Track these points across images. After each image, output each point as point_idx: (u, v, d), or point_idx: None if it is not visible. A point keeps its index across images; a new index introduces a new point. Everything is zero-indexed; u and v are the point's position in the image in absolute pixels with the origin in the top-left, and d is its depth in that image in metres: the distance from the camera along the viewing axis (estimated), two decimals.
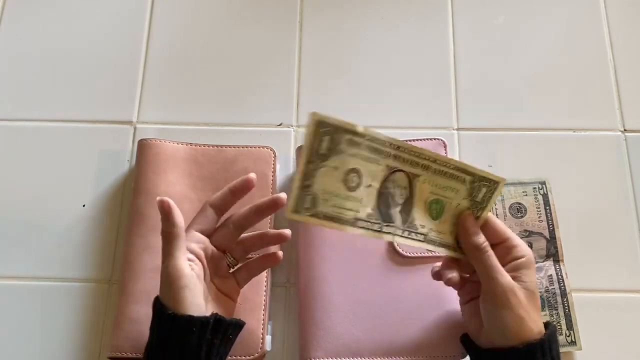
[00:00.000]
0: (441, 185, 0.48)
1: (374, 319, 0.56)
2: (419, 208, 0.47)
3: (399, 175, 0.46)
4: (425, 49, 0.71)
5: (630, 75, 0.69)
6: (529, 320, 0.46)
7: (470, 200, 0.49)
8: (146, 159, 0.62)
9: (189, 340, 0.45)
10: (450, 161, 0.47)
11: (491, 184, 0.48)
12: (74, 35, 0.72)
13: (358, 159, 0.43)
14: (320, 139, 0.41)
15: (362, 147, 0.43)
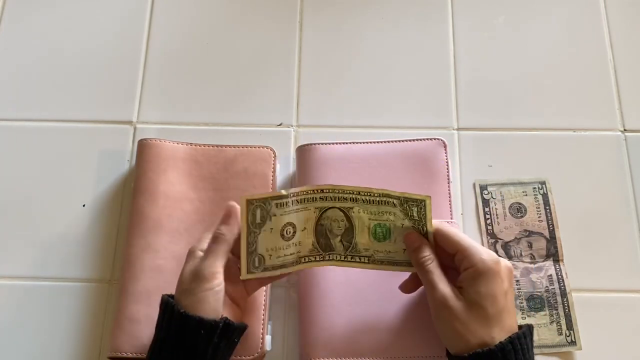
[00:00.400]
0: (376, 212, 0.51)
1: (373, 319, 0.56)
2: (362, 234, 0.51)
3: (331, 212, 0.51)
4: (425, 49, 0.71)
5: (630, 75, 0.69)
6: (464, 333, 0.46)
7: (410, 220, 0.51)
8: (146, 159, 0.62)
9: (197, 342, 0.45)
10: (372, 190, 0.50)
11: (419, 203, 0.50)
12: (74, 35, 0.72)
13: (289, 214, 0.50)
14: (253, 213, 0.49)
15: (289, 204, 0.50)
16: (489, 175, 0.64)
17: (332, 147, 0.62)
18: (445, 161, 0.62)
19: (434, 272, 0.49)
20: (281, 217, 0.50)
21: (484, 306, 0.46)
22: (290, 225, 0.50)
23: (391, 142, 0.63)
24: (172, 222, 0.59)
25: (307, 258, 0.51)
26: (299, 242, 0.51)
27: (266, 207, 0.49)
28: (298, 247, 0.51)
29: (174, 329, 0.46)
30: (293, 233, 0.51)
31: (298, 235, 0.51)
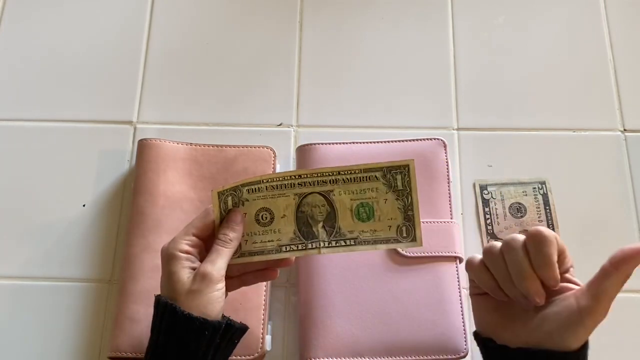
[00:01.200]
0: (358, 191, 0.49)
1: (373, 319, 0.56)
2: (344, 217, 0.50)
3: (311, 197, 0.49)
4: (425, 49, 0.71)
5: (630, 75, 0.69)
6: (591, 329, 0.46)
7: (394, 192, 0.49)
8: (146, 159, 0.62)
9: (199, 344, 0.45)
10: (353, 167, 0.49)
11: (403, 169, 0.49)
12: (74, 35, 0.72)
13: (264, 199, 0.49)
14: (225, 201, 0.48)
15: (262, 190, 0.49)
16: (489, 175, 0.64)
17: (332, 147, 0.62)
18: (445, 161, 0.62)
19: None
20: (254, 202, 0.49)
21: None
22: (266, 210, 0.49)
23: (391, 142, 0.63)
24: (172, 222, 0.59)
25: (288, 247, 0.49)
26: (278, 230, 0.49)
27: (237, 194, 0.48)
28: (278, 235, 0.49)
29: (175, 331, 0.45)
30: (270, 219, 0.49)
31: (277, 222, 0.49)
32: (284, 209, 0.49)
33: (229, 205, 0.49)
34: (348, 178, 0.49)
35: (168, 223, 0.59)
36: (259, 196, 0.49)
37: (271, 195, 0.49)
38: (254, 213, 0.49)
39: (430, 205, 0.60)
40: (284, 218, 0.49)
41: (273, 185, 0.49)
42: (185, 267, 0.47)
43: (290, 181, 0.49)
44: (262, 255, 0.50)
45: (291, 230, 0.50)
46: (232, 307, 0.54)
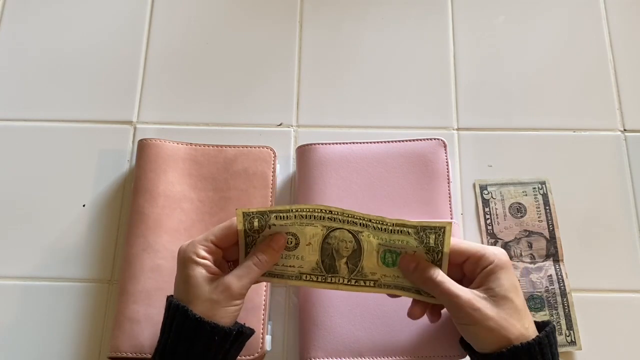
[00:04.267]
0: (387, 239, 0.48)
1: (374, 319, 0.56)
2: (369, 257, 0.49)
3: (340, 232, 0.49)
4: (425, 49, 0.71)
5: (630, 75, 0.69)
6: (500, 329, 0.45)
7: (425, 247, 0.48)
8: (146, 159, 0.62)
9: (209, 348, 0.45)
10: (385, 220, 0.47)
11: (438, 230, 0.47)
12: (74, 35, 0.72)
13: (291, 226, 0.49)
14: (250, 222, 0.48)
15: (291, 218, 0.48)
16: (489, 175, 0.64)
17: (332, 147, 0.62)
18: (445, 161, 0.62)
19: (446, 281, 0.47)
20: (282, 228, 0.49)
21: (512, 298, 0.46)
22: (292, 235, 0.49)
23: (391, 142, 0.63)
24: (172, 222, 0.59)
25: (308, 276, 0.50)
26: (302, 257, 0.49)
27: (264, 218, 0.48)
28: (300, 262, 0.50)
29: (185, 333, 0.45)
30: (295, 245, 0.49)
31: (301, 249, 0.49)
32: (311, 237, 0.49)
33: (255, 227, 0.48)
34: (379, 227, 0.48)
35: (168, 223, 0.59)
36: (287, 223, 0.48)
37: (299, 223, 0.48)
38: None
39: (430, 206, 0.60)
40: (309, 246, 0.49)
41: (302, 214, 0.48)
42: (203, 272, 0.47)
43: (320, 214, 0.48)
44: (281, 279, 0.50)
45: (314, 260, 0.49)
46: None
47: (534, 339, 0.45)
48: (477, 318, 0.46)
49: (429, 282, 0.48)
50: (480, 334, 0.46)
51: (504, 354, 0.45)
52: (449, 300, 0.47)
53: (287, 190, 0.64)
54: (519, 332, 0.45)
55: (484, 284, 0.47)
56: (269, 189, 0.61)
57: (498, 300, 0.46)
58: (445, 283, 0.47)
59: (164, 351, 0.47)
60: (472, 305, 0.46)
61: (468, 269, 0.49)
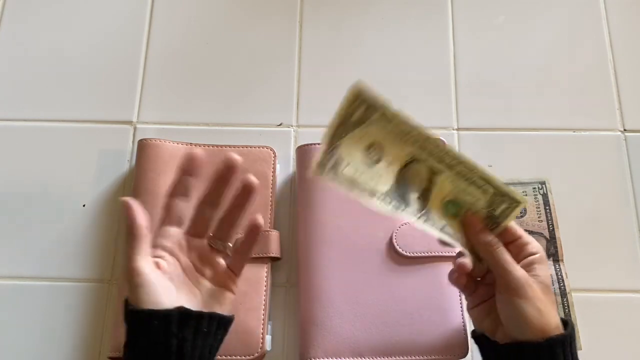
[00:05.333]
0: (461, 189, 0.48)
1: (374, 319, 0.56)
2: (435, 202, 0.48)
3: (420, 165, 0.47)
4: (425, 49, 0.71)
5: (630, 75, 0.69)
6: (546, 313, 0.46)
7: (488, 212, 0.48)
8: (146, 159, 0.62)
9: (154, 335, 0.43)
10: (476, 168, 0.47)
11: (512, 202, 0.48)
12: (74, 35, 0.72)
13: (384, 136, 0.45)
14: (354, 109, 0.43)
15: (389, 127, 0.45)
16: None
17: None
18: None
19: (506, 251, 0.48)
20: (375, 133, 0.45)
21: (551, 290, 0.48)
22: (379, 148, 0.46)
23: None
24: None
25: (382, 197, 0.46)
26: (379, 175, 0.46)
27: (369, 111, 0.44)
28: (377, 180, 0.46)
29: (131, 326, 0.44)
30: (377, 159, 0.46)
31: (381, 167, 0.46)
32: (394, 158, 0.46)
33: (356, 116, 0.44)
34: (464, 173, 0.47)
35: None
36: (382, 128, 0.45)
37: (392, 137, 0.46)
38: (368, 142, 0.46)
39: None
40: (388, 167, 0.46)
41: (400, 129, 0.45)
42: None
43: (415, 137, 0.46)
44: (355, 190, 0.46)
45: (389, 183, 0.47)
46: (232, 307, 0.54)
47: (566, 331, 0.46)
48: (530, 295, 0.46)
49: (491, 246, 0.48)
50: (529, 312, 0.46)
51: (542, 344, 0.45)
52: (507, 267, 0.47)
53: (287, 190, 0.64)
54: (557, 323, 0.46)
55: (530, 270, 0.47)
56: (269, 189, 0.61)
57: (543, 287, 0.47)
58: (505, 252, 0.48)
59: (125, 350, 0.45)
60: (527, 280, 0.46)
61: (512, 250, 0.49)
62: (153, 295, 0.45)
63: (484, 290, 0.50)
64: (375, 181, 0.46)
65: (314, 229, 0.59)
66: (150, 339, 0.44)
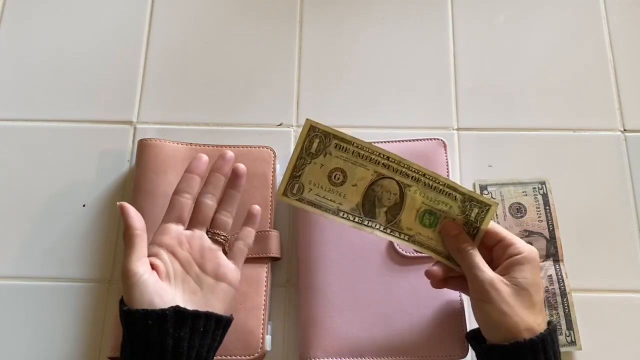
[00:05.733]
0: (433, 199, 0.50)
1: (374, 319, 0.56)
2: (409, 214, 0.50)
3: (388, 181, 0.50)
4: (425, 49, 0.71)
5: (630, 75, 0.69)
6: (512, 315, 0.46)
7: (464, 218, 0.50)
8: (146, 159, 0.62)
9: (149, 335, 0.44)
10: (439, 177, 0.49)
11: (482, 206, 0.50)
12: (74, 35, 0.72)
13: (345, 161, 0.49)
14: (310, 141, 0.49)
15: (349, 152, 0.49)
16: (489, 175, 0.64)
17: None
18: (445, 161, 0.62)
19: (477, 255, 0.49)
20: (335, 160, 0.49)
21: (531, 292, 0.47)
22: (341, 172, 0.50)
23: (391, 142, 0.63)
24: None
25: (346, 214, 0.50)
26: (344, 195, 0.50)
27: (325, 141, 0.49)
28: (341, 199, 0.50)
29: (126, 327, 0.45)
30: (342, 182, 0.50)
31: (346, 188, 0.50)
32: (359, 179, 0.50)
33: (313, 148, 0.49)
34: (430, 184, 0.50)
35: None
36: (342, 156, 0.49)
37: (353, 161, 0.49)
38: (330, 168, 0.49)
39: None
40: (354, 187, 0.50)
41: (360, 153, 0.49)
42: None
43: (376, 158, 0.49)
44: (319, 210, 0.50)
45: (355, 202, 0.50)
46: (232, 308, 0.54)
47: (538, 336, 0.45)
48: (494, 298, 0.46)
49: (462, 251, 0.49)
50: (493, 315, 0.46)
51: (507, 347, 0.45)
52: (473, 272, 0.48)
53: None
54: (528, 325, 0.46)
55: (509, 272, 0.48)
56: (269, 189, 0.61)
57: (518, 290, 0.47)
58: (475, 256, 0.48)
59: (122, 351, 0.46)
60: (492, 283, 0.47)
61: (497, 253, 0.50)
62: (147, 295, 0.45)
63: None
64: (339, 201, 0.50)
65: (314, 229, 0.59)
66: (145, 338, 0.44)
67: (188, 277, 0.49)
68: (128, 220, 0.48)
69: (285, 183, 0.50)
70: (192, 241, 0.50)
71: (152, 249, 0.49)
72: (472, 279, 0.48)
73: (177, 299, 0.47)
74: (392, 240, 0.51)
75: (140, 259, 0.47)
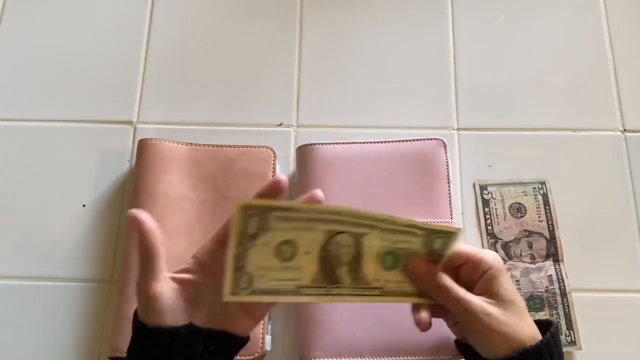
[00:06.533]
0: (392, 240, 0.46)
1: (373, 319, 0.56)
2: (370, 263, 0.46)
3: (341, 237, 0.44)
4: (425, 49, 0.71)
5: (630, 75, 0.69)
6: (512, 332, 0.45)
7: (427, 250, 0.46)
8: (146, 159, 0.62)
9: (160, 352, 0.42)
10: (397, 220, 0.44)
11: (446, 235, 0.46)
12: (74, 35, 0.72)
13: (290, 231, 0.42)
14: (247, 221, 0.41)
15: (293, 220, 0.42)
16: (489, 175, 0.64)
17: (332, 147, 0.62)
18: (445, 161, 0.62)
19: (457, 288, 0.46)
20: (280, 233, 0.42)
21: (516, 301, 0.46)
22: (289, 244, 0.43)
23: (391, 142, 0.63)
24: (172, 222, 0.59)
25: (308, 289, 0.44)
26: (299, 268, 0.44)
27: (265, 216, 0.41)
28: (298, 274, 0.44)
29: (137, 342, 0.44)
30: (292, 255, 0.43)
31: (299, 259, 0.43)
32: (309, 244, 0.43)
33: (252, 230, 0.41)
34: (389, 228, 0.45)
35: (168, 223, 0.59)
36: (286, 226, 0.42)
37: (300, 227, 0.43)
38: (275, 245, 0.43)
39: (430, 206, 0.60)
40: (307, 255, 0.43)
41: (305, 217, 0.42)
42: None
43: (327, 215, 0.43)
44: (277, 296, 0.44)
45: (314, 271, 0.44)
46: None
47: (542, 341, 0.45)
48: (490, 324, 0.45)
49: (440, 288, 0.46)
50: (495, 340, 0.45)
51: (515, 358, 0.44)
52: (460, 306, 0.46)
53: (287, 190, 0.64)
54: (529, 333, 0.45)
55: (489, 289, 0.46)
56: None
57: (506, 305, 0.46)
58: (455, 289, 0.46)
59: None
60: (484, 310, 0.45)
61: (466, 272, 0.48)
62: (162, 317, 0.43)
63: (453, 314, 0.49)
64: (297, 276, 0.44)
65: None
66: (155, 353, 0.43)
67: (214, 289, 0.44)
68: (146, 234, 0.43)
69: (230, 280, 0.41)
70: None
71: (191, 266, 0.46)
72: (462, 313, 0.46)
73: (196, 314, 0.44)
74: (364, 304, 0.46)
75: (158, 279, 0.43)
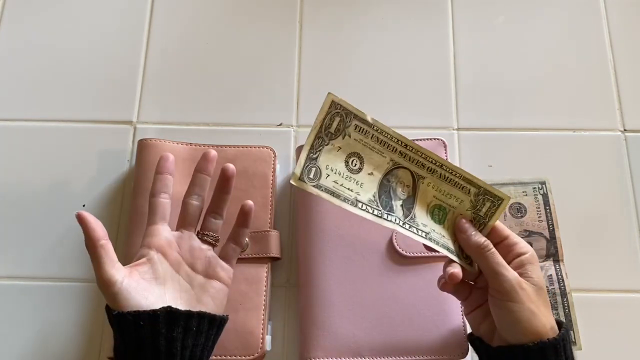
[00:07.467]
0: (445, 192, 0.49)
1: (373, 319, 0.56)
2: (421, 208, 0.49)
3: (402, 172, 0.48)
4: (425, 49, 0.71)
5: (630, 75, 0.69)
6: (540, 315, 0.45)
7: (474, 213, 0.49)
8: (146, 159, 0.62)
9: (142, 336, 0.43)
10: (457, 169, 0.48)
11: (495, 200, 0.48)
12: (74, 35, 0.72)
13: (363, 145, 0.46)
14: (331, 118, 0.45)
15: (368, 136, 0.46)
16: (489, 175, 0.64)
17: None
18: None
19: (498, 254, 0.47)
20: (354, 143, 0.46)
21: (545, 291, 0.47)
22: (358, 158, 0.47)
23: None
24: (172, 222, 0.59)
25: (365, 206, 0.47)
26: (361, 184, 0.47)
27: (346, 120, 0.45)
28: (359, 189, 0.47)
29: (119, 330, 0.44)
30: (359, 169, 0.47)
31: (363, 176, 0.47)
32: (375, 167, 0.47)
33: (332, 128, 0.45)
34: (445, 176, 0.48)
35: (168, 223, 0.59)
36: (361, 139, 0.46)
37: (371, 146, 0.47)
38: (347, 152, 0.46)
39: None
40: (370, 176, 0.47)
41: (379, 138, 0.46)
42: None
43: (394, 144, 0.47)
44: (337, 199, 0.46)
45: (372, 192, 0.47)
46: (232, 308, 0.54)
47: (559, 335, 0.45)
48: (522, 298, 0.46)
49: (483, 249, 0.48)
50: (523, 315, 0.45)
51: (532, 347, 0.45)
52: (498, 271, 0.46)
53: (287, 190, 0.64)
54: (551, 324, 0.46)
55: (522, 272, 0.47)
56: (269, 189, 0.61)
57: (537, 290, 0.47)
58: (497, 255, 0.47)
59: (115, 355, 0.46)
60: (519, 283, 0.46)
61: (501, 251, 0.48)
62: (132, 300, 0.45)
63: (477, 295, 0.50)
64: (357, 190, 0.47)
65: (314, 229, 0.59)
66: (138, 340, 0.44)
67: (178, 276, 0.48)
68: (90, 232, 0.47)
69: (302, 166, 0.45)
70: (181, 242, 0.50)
71: (141, 251, 0.49)
72: (498, 278, 0.46)
73: (166, 297, 0.46)
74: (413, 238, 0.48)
75: (113, 267, 0.46)
